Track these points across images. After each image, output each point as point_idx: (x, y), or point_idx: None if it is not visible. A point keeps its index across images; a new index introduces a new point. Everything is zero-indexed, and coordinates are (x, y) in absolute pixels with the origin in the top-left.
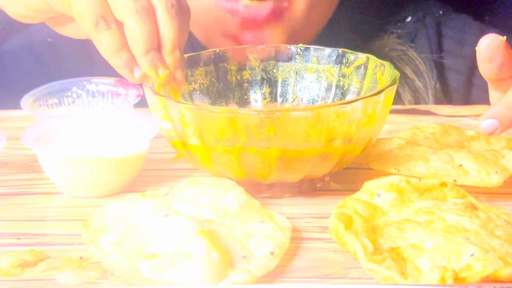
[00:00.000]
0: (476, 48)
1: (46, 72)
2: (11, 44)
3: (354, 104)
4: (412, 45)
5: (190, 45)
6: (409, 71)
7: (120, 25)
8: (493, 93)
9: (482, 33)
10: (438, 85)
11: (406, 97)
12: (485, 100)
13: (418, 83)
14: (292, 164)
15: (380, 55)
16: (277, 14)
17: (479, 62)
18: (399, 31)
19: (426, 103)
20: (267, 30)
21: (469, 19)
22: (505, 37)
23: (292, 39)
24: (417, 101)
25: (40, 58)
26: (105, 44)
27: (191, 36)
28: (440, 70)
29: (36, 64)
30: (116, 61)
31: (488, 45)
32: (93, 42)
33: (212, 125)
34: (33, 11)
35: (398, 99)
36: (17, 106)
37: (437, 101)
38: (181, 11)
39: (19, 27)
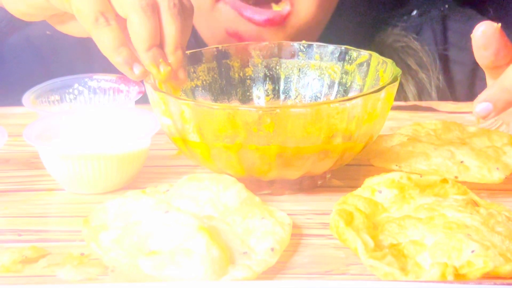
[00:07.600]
0: (472, 35)
1: (46, 65)
2: (10, 38)
3: (353, 101)
4: (417, 37)
5: (196, 42)
6: (412, 63)
7: (120, 22)
8: (490, 82)
9: None
10: (441, 77)
11: (409, 88)
12: None
13: (422, 75)
14: (292, 161)
15: (384, 46)
16: (277, 22)
17: (475, 49)
18: (403, 24)
19: (429, 94)
20: (268, 32)
21: (474, 13)
22: (499, 24)
23: (296, 38)
24: (420, 92)
25: (40, 52)
26: (104, 40)
27: (196, 33)
28: (445, 63)
29: (35, 58)
30: (115, 58)
31: (484, 32)
32: (93, 38)
33: (211, 122)
34: (34, 8)
35: (401, 90)
36: (18, 103)
37: (440, 93)
38: (184, 10)
39: (21, 24)
